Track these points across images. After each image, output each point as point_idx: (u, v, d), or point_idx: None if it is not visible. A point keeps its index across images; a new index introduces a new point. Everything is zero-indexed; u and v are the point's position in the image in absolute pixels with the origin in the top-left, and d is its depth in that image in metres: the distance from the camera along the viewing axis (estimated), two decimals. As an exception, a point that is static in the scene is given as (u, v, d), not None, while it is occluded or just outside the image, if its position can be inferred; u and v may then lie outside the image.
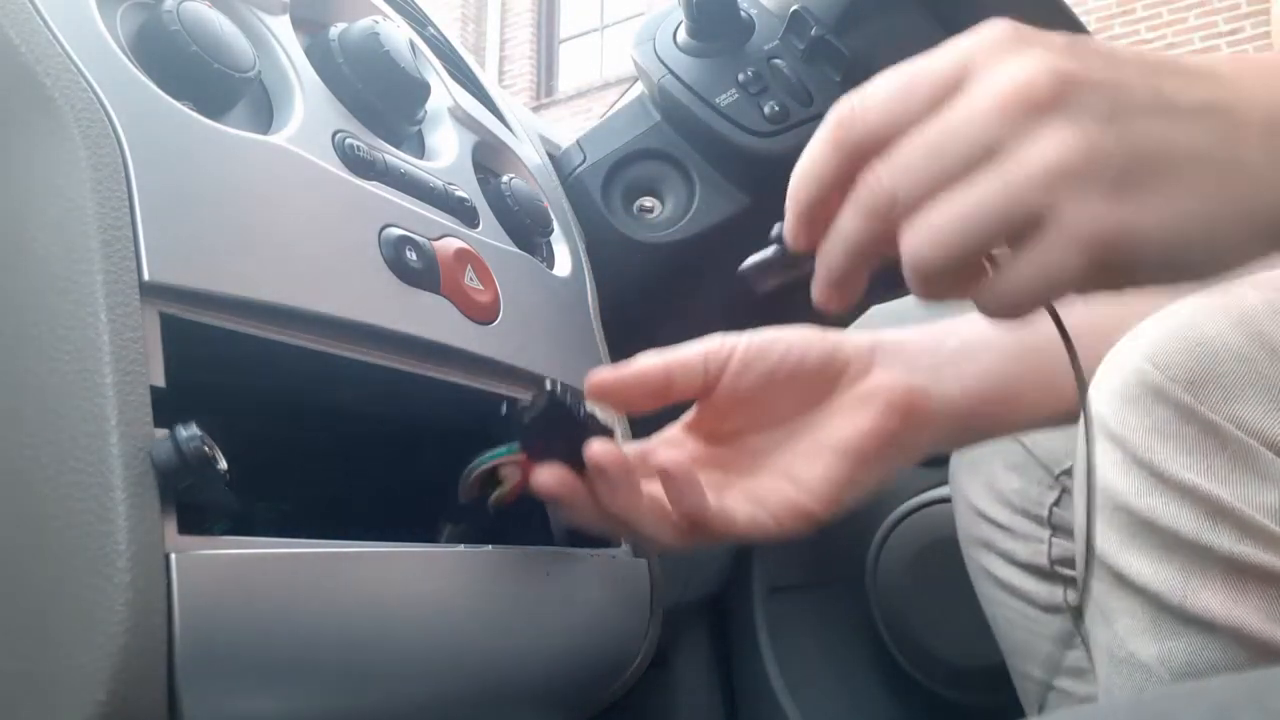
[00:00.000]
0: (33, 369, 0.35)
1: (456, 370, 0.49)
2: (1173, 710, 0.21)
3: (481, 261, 0.52)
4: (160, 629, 0.33)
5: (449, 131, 0.59)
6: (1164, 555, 0.41)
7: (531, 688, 0.51)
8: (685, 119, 0.69)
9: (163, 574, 0.33)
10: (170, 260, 0.37)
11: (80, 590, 0.33)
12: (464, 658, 0.46)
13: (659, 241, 0.69)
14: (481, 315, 0.50)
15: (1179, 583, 0.41)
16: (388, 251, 0.46)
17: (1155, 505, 0.41)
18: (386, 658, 0.42)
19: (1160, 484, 0.41)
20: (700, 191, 0.69)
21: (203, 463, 0.34)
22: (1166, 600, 0.41)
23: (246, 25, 0.47)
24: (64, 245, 0.35)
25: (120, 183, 0.36)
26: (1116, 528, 0.42)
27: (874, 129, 0.32)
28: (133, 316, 0.35)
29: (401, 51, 0.52)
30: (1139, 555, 0.42)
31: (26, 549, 0.34)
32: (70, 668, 0.33)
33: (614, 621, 0.56)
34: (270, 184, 0.42)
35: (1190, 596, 0.41)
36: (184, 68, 0.42)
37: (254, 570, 0.37)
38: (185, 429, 0.34)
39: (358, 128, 0.50)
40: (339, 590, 0.40)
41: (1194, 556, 0.41)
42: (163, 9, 0.42)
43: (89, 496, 0.33)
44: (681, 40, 0.71)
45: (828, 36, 0.69)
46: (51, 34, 0.37)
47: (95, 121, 0.37)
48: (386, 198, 0.48)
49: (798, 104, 0.68)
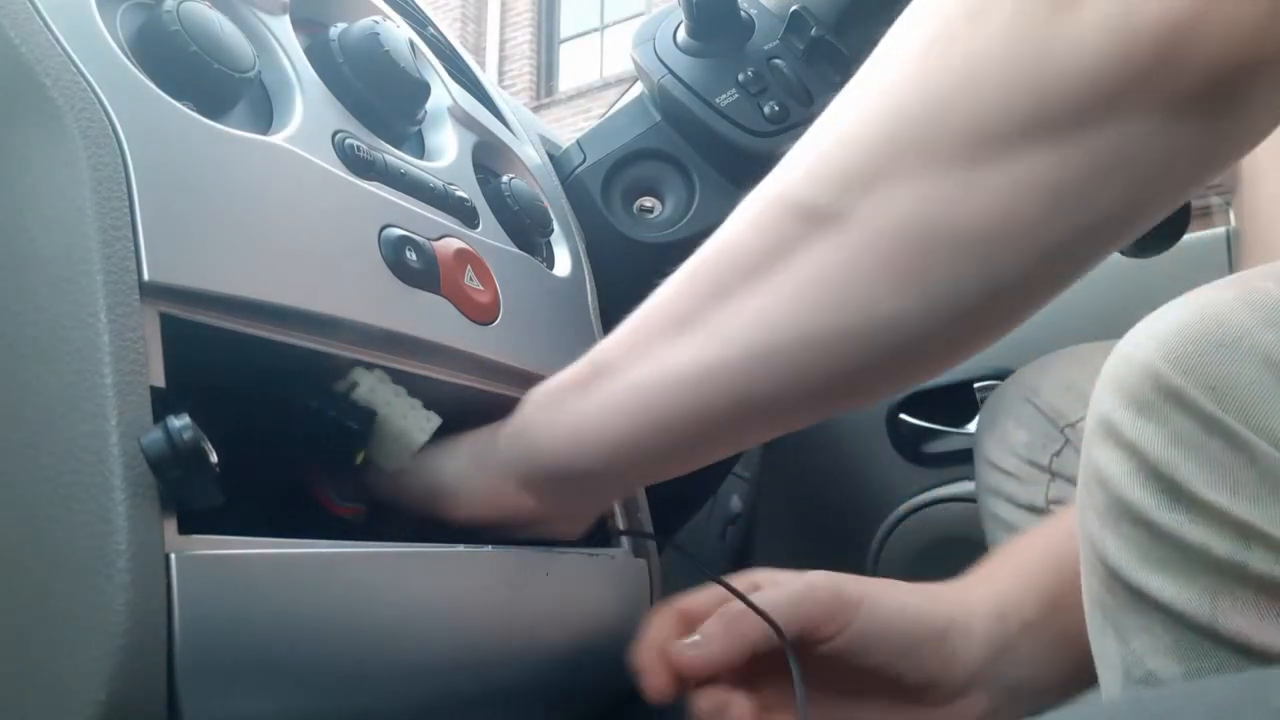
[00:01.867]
0: (33, 369, 0.35)
1: (456, 370, 0.49)
2: (1173, 710, 0.21)
3: (481, 262, 0.52)
4: (160, 629, 0.33)
5: (449, 131, 0.59)
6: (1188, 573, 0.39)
7: (531, 688, 0.51)
8: (685, 119, 0.69)
9: (163, 574, 0.33)
10: (170, 260, 0.37)
11: (80, 590, 0.33)
12: (464, 658, 0.46)
13: (659, 241, 0.69)
14: (481, 315, 0.50)
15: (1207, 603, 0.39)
16: (388, 252, 0.46)
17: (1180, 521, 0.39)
18: (386, 657, 0.42)
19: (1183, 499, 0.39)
20: (700, 191, 0.69)
21: (193, 454, 0.34)
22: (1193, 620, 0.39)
23: (246, 25, 0.47)
24: (64, 245, 0.35)
25: (120, 183, 0.36)
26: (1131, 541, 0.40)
27: None
28: (133, 316, 0.35)
29: (401, 51, 0.52)
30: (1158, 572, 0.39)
31: (26, 549, 0.34)
32: (70, 668, 0.33)
33: (614, 621, 0.56)
34: (270, 184, 0.42)
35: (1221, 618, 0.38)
36: (184, 68, 0.42)
37: (254, 570, 0.37)
38: (178, 419, 0.34)
39: (358, 128, 0.50)
40: (339, 590, 0.40)
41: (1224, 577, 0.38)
42: (163, 9, 0.42)
43: (89, 497, 0.33)
44: (681, 40, 0.71)
45: (828, 36, 0.69)
46: (51, 34, 0.37)
47: (95, 121, 0.37)
48: (386, 198, 0.48)
49: (798, 104, 0.68)
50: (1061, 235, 0.36)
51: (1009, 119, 0.34)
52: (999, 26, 0.33)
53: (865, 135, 0.37)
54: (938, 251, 0.36)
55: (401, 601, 0.43)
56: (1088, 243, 0.37)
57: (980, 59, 0.34)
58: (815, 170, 0.38)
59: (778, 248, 0.39)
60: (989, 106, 0.34)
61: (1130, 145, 0.34)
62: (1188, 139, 0.34)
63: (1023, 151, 0.34)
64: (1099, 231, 0.37)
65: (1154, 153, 0.34)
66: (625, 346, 0.44)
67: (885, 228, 0.36)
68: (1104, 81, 0.32)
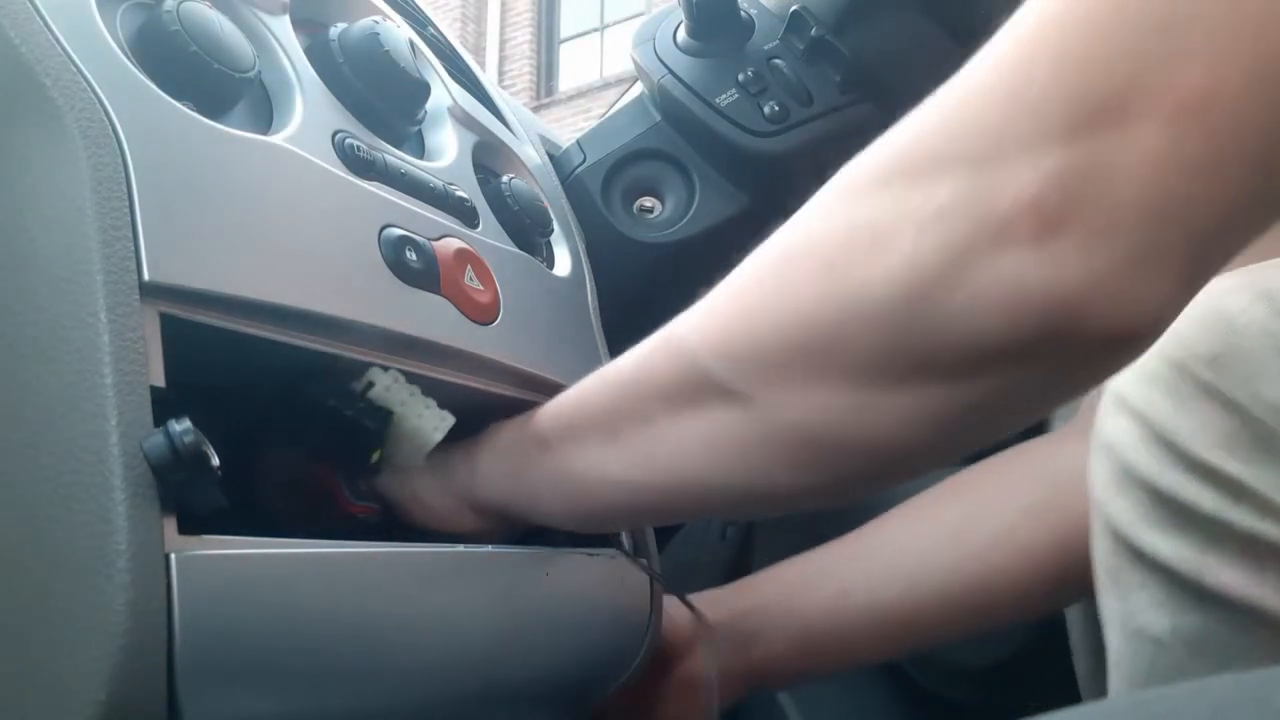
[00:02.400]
0: (33, 369, 0.35)
1: (456, 370, 0.49)
2: (1173, 710, 0.21)
3: (481, 262, 0.52)
4: (160, 629, 0.33)
5: (449, 131, 0.59)
6: (1182, 531, 0.42)
7: (531, 688, 0.51)
8: (685, 119, 0.69)
9: (162, 574, 0.33)
10: (170, 260, 0.37)
11: (80, 590, 0.33)
12: (464, 658, 0.46)
13: (659, 241, 0.69)
14: (481, 315, 0.50)
15: (1195, 558, 0.41)
16: (388, 252, 0.46)
17: (1176, 481, 0.41)
18: (386, 657, 0.42)
19: (1181, 460, 0.41)
20: (700, 191, 0.69)
21: (196, 458, 0.34)
22: (1183, 575, 0.41)
23: (246, 25, 0.47)
24: (64, 245, 0.35)
25: (120, 183, 0.36)
26: (1135, 503, 0.43)
27: None
28: (133, 316, 0.35)
29: (401, 51, 0.52)
30: (1156, 530, 0.42)
31: (26, 549, 0.34)
32: (70, 668, 0.33)
33: (614, 621, 0.56)
34: (270, 184, 0.42)
35: (1207, 573, 0.41)
36: (184, 68, 0.42)
37: (254, 570, 0.37)
38: (179, 423, 0.34)
39: (358, 128, 0.50)
40: (339, 590, 0.40)
41: (1212, 533, 0.41)
42: (163, 9, 0.42)
43: (89, 497, 0.33)
44: (681, 40, 0.71)
45: (828, 36, 0.69)
46: (51, 34, 0.37)
47: (95, 121, 0.37)
48: (386, 198, 0.48)
49: (798, 104, 0.68)
50: (951, 451, 0.39)
51: (903, 357, 0.35)
52: (896, 269, 0.34)
53: (776, 334, 0.38)
54: (831, 453, 0.38)
55: (401, 601, 0.43)
56: (976, 444, 0.40)
57: (877, 299, 0.35)
58: (730, 348, 0.40)
59: (693, 401, 0.41)
60: (882, 343, 0.35)
61: (1019, 390, 0.35)
62: (1075, 382, 0.36)
63: (914, 386, 0.35)
64: (987, 439, 0.40)
65: (1041, 393, 0.36)
66: (563, 430, 0.47)
67: (786, 422, 0.38)
68: (991, 345, 0.34)
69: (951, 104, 0.35)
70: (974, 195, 0.32)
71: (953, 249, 0.33)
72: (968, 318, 0.33)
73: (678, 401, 0.42)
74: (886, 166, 0.36)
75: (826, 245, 0.37)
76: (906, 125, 0.36)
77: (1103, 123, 0.31)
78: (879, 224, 0.35)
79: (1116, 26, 0.31)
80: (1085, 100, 0.31)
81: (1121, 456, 0.43)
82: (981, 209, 0.32)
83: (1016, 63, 0.33)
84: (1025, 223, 0.32)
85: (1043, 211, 0.31)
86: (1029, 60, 0.33)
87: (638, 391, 0.44)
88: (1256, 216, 0.33)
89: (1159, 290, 0.32)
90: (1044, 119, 0.32)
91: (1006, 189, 0.32)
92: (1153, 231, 0.31)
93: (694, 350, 0.41)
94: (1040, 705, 0.26)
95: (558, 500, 0.48)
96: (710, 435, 0.41)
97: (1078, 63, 0.32)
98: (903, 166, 0.35)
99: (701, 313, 0.42)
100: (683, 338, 0.42)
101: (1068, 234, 0.31)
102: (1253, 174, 0.31)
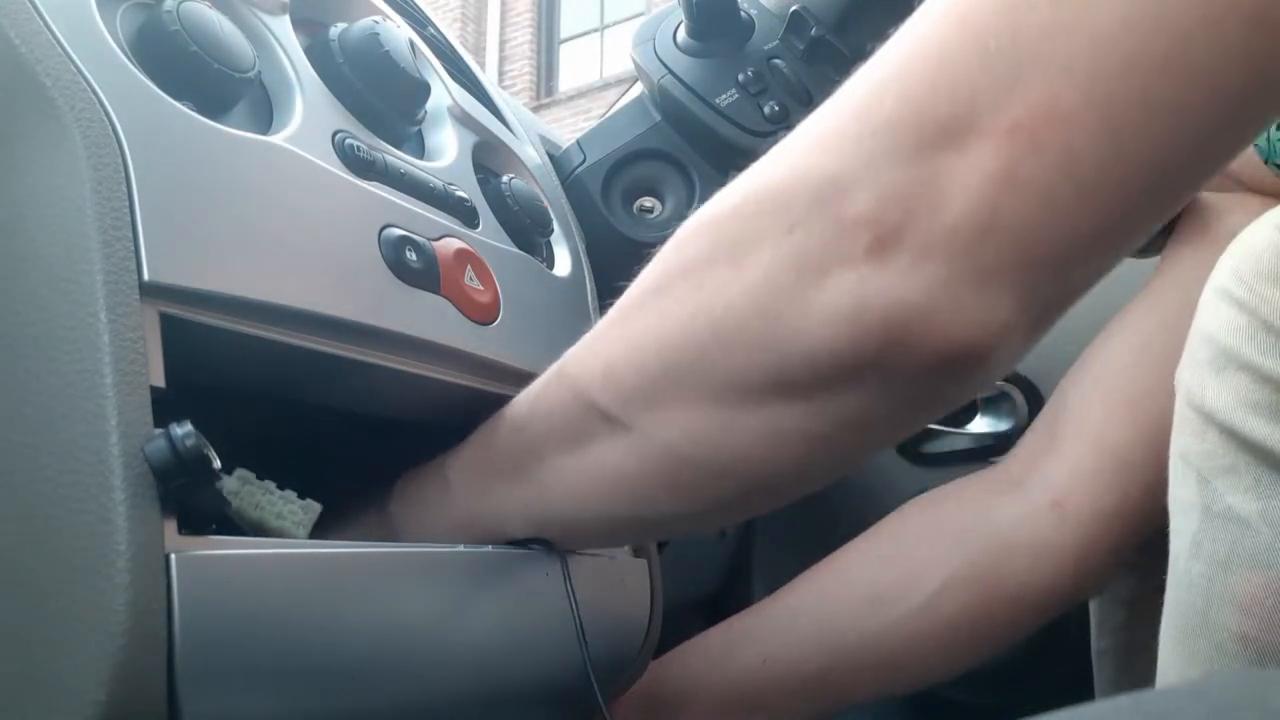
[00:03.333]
0: (33, 369, 0.35)
1: (456, 370, 0.49)
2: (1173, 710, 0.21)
3: (481, 262, 0.52)
4: (160, 629, 0.33)
5: (449, 131, 0.59)
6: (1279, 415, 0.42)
7: (531, 688, 0.51)
8: (685, 119, 0.69)
9: (162, 574, 0.33)
10: (170, 260, 0.37)
11: (80, 591, 0.33)
12: (464, 658, 0.46)
13: (659, 241, 0.68)
14: (481, 316, 0.50)
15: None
16: (388, 252, 0.46)
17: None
18: (386, 657, 0.42)
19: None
20: (700, 191, 0.69)
21: (198, 461, 0.34)
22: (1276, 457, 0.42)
23: (246, 25, 0.47)
24: (64, 245, 0.35)
25: (120, 183, 0.36)
26: (1235, 387, 0.43)
27: None
28: (133, 316, 0.35)
29: (401, 51, 0.52)
30: (1256, 414, 0.43)
31: (26, 549, 0.34)
32: (70, 668, 0.33)
33: (614, 621, 0.56)
34: (270, 184, 0.42)
35: None
36: (184, 68, 0.42)
37: (254, 570, 0.37)
38: (180, 426, 0.34)
39: (358, 128, 0.50)
40: (339, 590, 0.40)
41: None
42: (163, 9, 0.42)
43: (89, 497, 0.33)
44: (681, 40, 0.71)
45: (828, 36, 0.69)
46: (51, 34, 0.37)
47: (95, 121, 0.37)
48: (386, 198, 0.48)
49: (798, 104, 0.68)
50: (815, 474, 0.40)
51: (760, 374, 0.36)
52: (755, 283, 0.35)
53: (655, 357, 0.39)
54: (705, 476, 0.39)
55: (401, 601, 0.43)
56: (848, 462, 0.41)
57: (735, 315, 0.36)
58: (613, 374, 0.41)
59: (580, 435, 0.42)
60: (741, 361, 0.36)
61: (867, 410, 0.36)
62: (922, 402, 0.37)
63: (773, 403, 0.36)
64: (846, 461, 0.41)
65: (889, 414, 0.37)
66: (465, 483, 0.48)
67: (662, 445, 0.39)
68: (837, 359, 0.34)
69: (812, 127, 0.36)
70: (822, 213, 0.34)
71: (803, 266, 0.34)
72: (816, 333, 0.34)
73: (567, 435, 0.43)
74: (753, 186, 0.37)
75: (696, 266, 0.38)
76: (776, 148, 0.37)
77: (943, 144, 0.32)
78: (741, 243, 0.36)
79: (963, 52, 0.32)
80: (928, 122, 0.32)
81: (1225, 343, 0.44)
82: (828, 226, 0.33)
83: (870, 87, 0.34)
84: (866, 239, 0.33)
85: (881, 228, 0.32)
86: (881, 84, 0.34)
87: (532, 431, 0.45)
88: (1107, 242, 0.33)
89: (994, 309, 0.32)
90: (889, 140, 0.33)
91: (852, 207, 0.33)
92: (986, 250, 0.32)
93: (580, 382, 0.42)
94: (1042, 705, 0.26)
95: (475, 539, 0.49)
96: (597, 465, 0.42)
97: (924, 87, 0.33)
98: (767, 187, 0.36)
99: (586, 343, 0.43)
100: (572, 374, 0.43)
101: (903, 250, 0.32)
102: (1093, 195, 0.31)
